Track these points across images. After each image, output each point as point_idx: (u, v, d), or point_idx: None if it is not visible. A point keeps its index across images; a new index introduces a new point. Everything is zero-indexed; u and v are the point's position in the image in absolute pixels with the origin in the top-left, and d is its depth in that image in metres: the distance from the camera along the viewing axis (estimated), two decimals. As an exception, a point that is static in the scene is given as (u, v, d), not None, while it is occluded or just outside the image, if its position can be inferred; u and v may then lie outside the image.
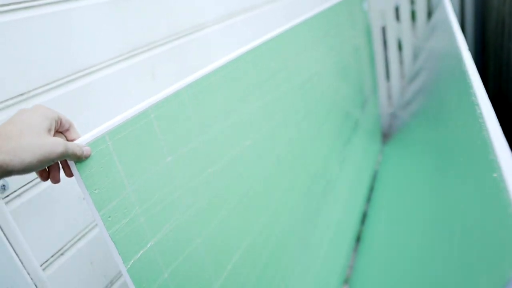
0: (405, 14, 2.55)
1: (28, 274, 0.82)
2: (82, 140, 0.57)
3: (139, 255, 0.64)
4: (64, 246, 0.92)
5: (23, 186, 0.78)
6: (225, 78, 0.90)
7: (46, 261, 0.87)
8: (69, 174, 0.56)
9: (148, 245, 0.66)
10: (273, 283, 1.08)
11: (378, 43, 2.63)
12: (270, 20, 1.75)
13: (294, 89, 1.27)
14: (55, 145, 0.50)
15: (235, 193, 0.91)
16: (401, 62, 2.79)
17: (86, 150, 0.56)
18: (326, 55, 1.58)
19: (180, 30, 1.23)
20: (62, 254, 0.91)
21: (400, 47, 2.71)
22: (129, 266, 0.62)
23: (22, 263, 0.81)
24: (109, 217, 0.59)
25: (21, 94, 0.75)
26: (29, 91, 0.76)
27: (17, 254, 0.74)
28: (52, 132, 0.52)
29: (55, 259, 0.90)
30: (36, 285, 0.84)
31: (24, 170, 0.47)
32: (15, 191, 0.76)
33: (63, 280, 0.90)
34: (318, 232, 1.45)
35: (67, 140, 0.57)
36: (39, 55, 0.80)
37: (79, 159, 0.55)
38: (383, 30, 2.66)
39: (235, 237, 0.91)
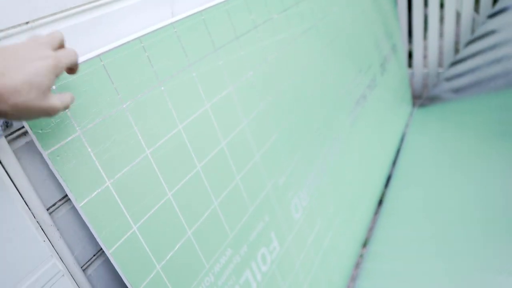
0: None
1: (34, 216, 0.84)
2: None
3: (94, 194, 0.68)
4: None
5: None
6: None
7: (54, 205, 0.88)
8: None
9: (104, 185, 0.69)
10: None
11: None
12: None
13: (297, 35, 1.24)
14: (52, 109, 0.49)
15: (207, 147, 0.92)
16: (441, 20, 2.59)
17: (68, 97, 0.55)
18: (335, 5, 1.52)
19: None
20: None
21: (442, 4, 2.51)
22: (82, 203, 0.66)
23: (27, 205, 0.79)
24: (58, 156, 0.63)
25: (26, 23, 0.69)
26: (33, 20, 0.70)
27: (21, 196, 0.73)
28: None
29: (63, 203, 0.91)
30: (42, 228, 0.86)
31: (17, 119, 0.47)
32: (19, 129, 0.71)
33: (71, 225, 0.88)
34: (335, 193, 1.43)
35: None
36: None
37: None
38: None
39: (205, 195, 0.92)
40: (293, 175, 1.22)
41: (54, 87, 0.62)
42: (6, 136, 0.68)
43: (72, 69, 0.58)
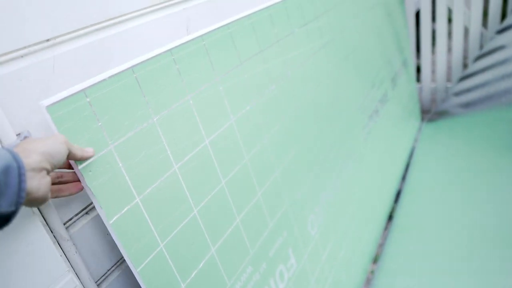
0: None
1: (51, 231, 0.84)
2: (60, 96, 0.58)
3: (124, 211, 0.66)
4: (89, 205, 0.93)
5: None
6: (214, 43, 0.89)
7: (70, 220, 0.88)
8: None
9: (134, 202, 0.67)
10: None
11: (426, 13, 2.46)
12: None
13: (316, 49, 1.23)
14: (58, 138, 0.56)
15: (232, 162, 0.90)
16: (449, 35, 2.59)
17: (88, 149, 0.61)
18: (351, 20, 1.52)
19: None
20: (87, 213, 0.92)
21: (450, 19, 2.50)
22: (113, 220, 0.64)
23: (45, 219, 0.82)
24: (90, 171, 0.61)
25: (47, 40, 0.70)
26: (54, 37, 0.72)
27: (40, 210, 0.74)
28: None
29: (79, 218, 0.91)
30: (59, 243, 0.85)
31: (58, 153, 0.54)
32: None
33: (86, 239, 0.91)
34: (348, 209, 1.41)
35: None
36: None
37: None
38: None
39: (229, 211, 0.90)
40: (310, 191, 1.21)
41: None
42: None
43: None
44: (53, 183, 0.62)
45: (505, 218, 1.65)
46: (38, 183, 0.50)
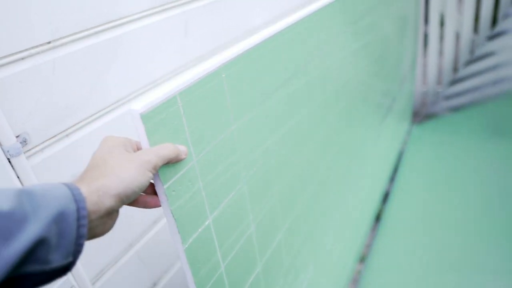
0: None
1: None
2: (150, 98, 0.47)
3: (196, 234, 0.57)
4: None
5: (45, 140, 0.72)
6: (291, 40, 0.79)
7: None
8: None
9: (206, 223, 0.58)
10: (289, 254, 1.03)
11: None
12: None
13: (340, 62, 1.15)
14: (146, 164, 0.44)
15: (287, 171, 0.83)
16: (441, 38, 2.60)
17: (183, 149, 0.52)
18: (385, 19, 1.45)
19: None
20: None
21: (442, 22, 2.52)
22: (187, 245, 0.55)
23: None
24: (173, 191, 0.51)
25: (48, 43, 0.69)
26: (55, 40, 0.70)
27: None
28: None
29: None
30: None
31: (137, 188, 0.43)
32: (36, 146, 0.70)
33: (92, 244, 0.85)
34: (339, 209, 1.39)
35: None
36: (67, 0, 0.72)
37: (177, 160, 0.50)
38: (426, 2, 2.47)
39: (282, 214, 0.84)
40: (333, 194, 1.16)
41: None
42: (24, 153, 0.67)
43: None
44: None
45: (491, 218, 1.71)
46: (102, 228, 0.42)
